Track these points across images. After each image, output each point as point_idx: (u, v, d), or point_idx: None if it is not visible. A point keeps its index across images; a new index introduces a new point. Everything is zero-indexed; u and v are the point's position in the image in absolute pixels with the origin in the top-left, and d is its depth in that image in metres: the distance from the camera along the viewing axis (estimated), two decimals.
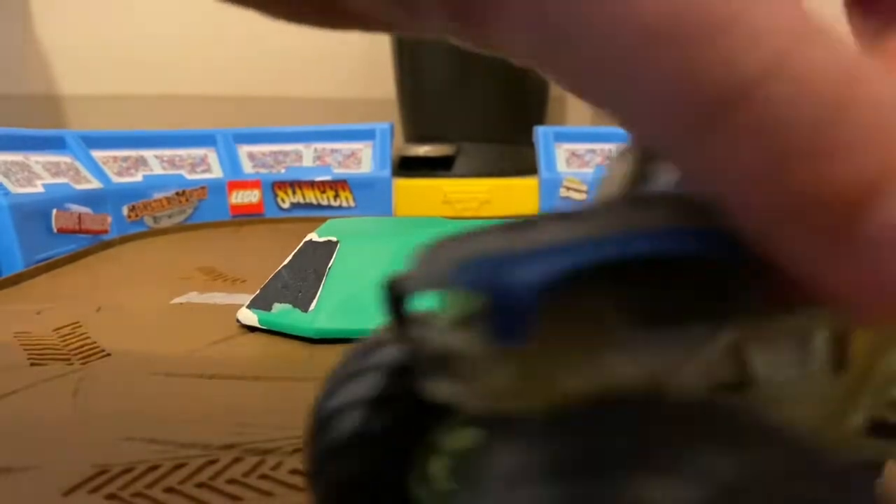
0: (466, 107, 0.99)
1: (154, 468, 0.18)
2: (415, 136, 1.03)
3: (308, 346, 0.28)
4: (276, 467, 0.18)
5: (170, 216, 0.69)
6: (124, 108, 1.27)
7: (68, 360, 0.27)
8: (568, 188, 0.74)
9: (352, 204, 0.75)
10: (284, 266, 0.32)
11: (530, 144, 0.79)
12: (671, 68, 0.07)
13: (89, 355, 0.27)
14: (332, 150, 0.77)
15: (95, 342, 0.29)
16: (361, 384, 0.12)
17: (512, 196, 0.76)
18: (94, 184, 0.62)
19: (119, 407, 0.22)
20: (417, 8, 0.09)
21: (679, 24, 0.07)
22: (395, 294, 0.09)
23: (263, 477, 0.17)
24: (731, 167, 0.07)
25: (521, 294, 0.07)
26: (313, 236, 0.32)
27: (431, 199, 0.75)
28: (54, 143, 0.63)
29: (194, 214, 0.71)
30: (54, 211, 0.52)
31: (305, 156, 0.77)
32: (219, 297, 0.37)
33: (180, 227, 0.69)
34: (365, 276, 0.29)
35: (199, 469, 0.18)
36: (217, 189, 0.73)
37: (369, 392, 0.12)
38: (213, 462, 0.18)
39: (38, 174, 0.55)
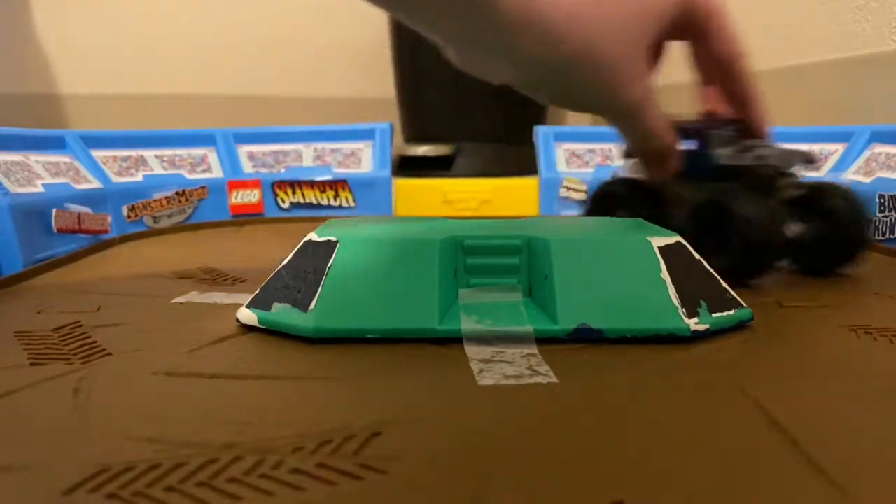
0: (466, 107, 0.99)
1: (154, 467, 0.18)
2: (415, 136, 1.03)
3: (308, 346, 0.28)
4: (276, 467, 0.18)
5: (170, 216, 0.69)
6: (124, 108, 1.27)
7: (68, 360, 0.27)
8: (568, 188, 0.74)
9: (352, 204, 0.75)
10: (284, 266, 0.32)
11: (530, 144, 0.79)
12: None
13: (89, 355, 0.27)
14: (332, 150, 0.77)
15: (95, 342, 0.29)
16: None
17: (512, 196, 0.76)
18: (94, 184, 0.62)
19: (119, 406, 0.22)
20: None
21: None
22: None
23: (263, 476, 0.17)
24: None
25: None
26: (313, 236, 0.32)
27: (431, 198, 0.75)
28: (54, 143, 0.63)
29: (194, 214, 0.71)
30: (54, 210, 0.52)
31: (305, 156, 0.77)
32: (219, 297, 0.37)
33: (180, 227, 0.69)
34: (365, 276, 0.29)
35: (200, 468, 0.18)
36: (217, 189, 0.73)
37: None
38: (213, 461, 0.18)
39: (38, 174, 0.55)
